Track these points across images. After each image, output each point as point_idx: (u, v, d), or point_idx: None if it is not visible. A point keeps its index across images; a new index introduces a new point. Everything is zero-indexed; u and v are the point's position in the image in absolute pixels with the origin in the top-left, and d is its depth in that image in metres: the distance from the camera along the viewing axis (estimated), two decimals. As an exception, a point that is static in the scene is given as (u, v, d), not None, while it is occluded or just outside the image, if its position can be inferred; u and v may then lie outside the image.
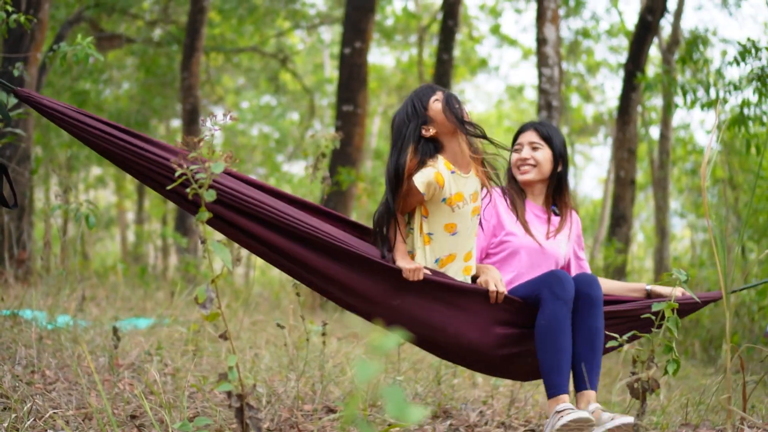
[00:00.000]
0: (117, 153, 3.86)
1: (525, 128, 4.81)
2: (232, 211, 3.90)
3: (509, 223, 4.62)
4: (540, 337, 4.10)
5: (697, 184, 20.09)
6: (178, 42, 19.77)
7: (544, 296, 4.11)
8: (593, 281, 4.22)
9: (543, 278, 4.19)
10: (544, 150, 4.71)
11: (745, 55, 9.47)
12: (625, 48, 22.92)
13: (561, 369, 4.09)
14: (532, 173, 4.70)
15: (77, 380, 4.79)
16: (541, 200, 4.80)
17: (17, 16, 5.58)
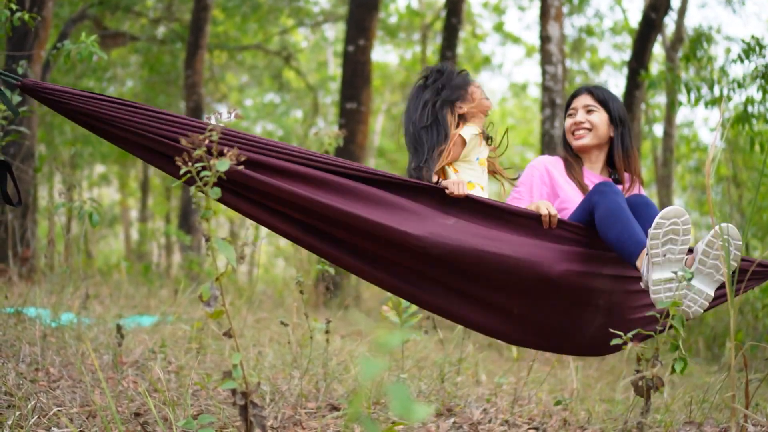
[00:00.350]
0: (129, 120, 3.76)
1: (579, 92, 4.68)
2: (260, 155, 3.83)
3: (566, 190, 4.48)
4: (604, 223, 3.93)
5: (700, 182, 20.07)
6: (182, 40, 19.77)
7: (596, 199, 3.99)
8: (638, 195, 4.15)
9: (587, 194, 4.09)
10: (599, 113, 4.56)
11: (749, 53, 9.47)
12: (628, 45, 22.92)
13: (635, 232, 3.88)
14: (588, 138, 4.55)
15: (81, 378, 4.79)
16: (599, 167, 4.63)
17: (21, 14, 5.59)
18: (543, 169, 4.51)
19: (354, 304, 12.26)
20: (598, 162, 4.63)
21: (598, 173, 4.61)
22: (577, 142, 4.57)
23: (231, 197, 3.87)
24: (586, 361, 8.26)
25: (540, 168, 4.50)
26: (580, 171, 4.55)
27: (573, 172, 4.53)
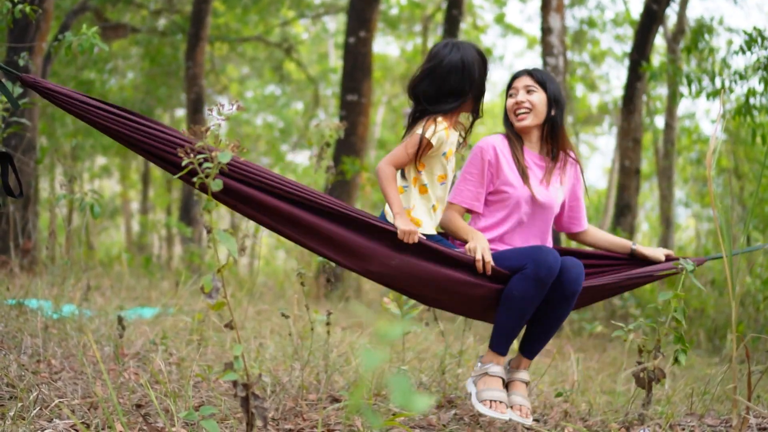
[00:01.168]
0: (125, 133, 3.88)
1: (519, 74, 4.76)
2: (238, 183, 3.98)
3: (508, 172, 4.60)
4: (506, 304, 4.22)
5: (701, 174, 20.07)
6: (183, 31, 19.77)
7: (527, 272, 4.15)
8: (577, 275, 4.25)
9: (532, 253, 4.23)
10: (539, 93, 4.65)
11: (751, 44, 9.46)
12: (630, 37, 22.89)
13: (512, 336, 4.28)
14: (529, 118, 4.65)
15: (83, 369, 4.80)
16: (537, 147, 4.74)
17: (23, 6, 5.58)
18: (492, 152, 4.62)
19: (355, 296, 12.27)
20: (538, 141, 4.75)
21: (537, 152, 4.74)
22: (520, 123, 4.69)
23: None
24: (586, 353, 8.27)
25: (489, 151, 4.63)
26: (521, 151, 4.68)
27: (515, 151, 4.66)
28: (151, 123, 3.94)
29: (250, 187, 4.01)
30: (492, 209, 4.63)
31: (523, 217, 4.58)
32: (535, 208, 4.60)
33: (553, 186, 4.67)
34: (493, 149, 4.60)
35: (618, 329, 4.00)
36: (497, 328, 4.29)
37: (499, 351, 4.31)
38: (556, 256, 4.20)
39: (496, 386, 4.26)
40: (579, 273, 4.27)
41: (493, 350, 4.33)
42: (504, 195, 4.58)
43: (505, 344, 4.30)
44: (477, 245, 4.30)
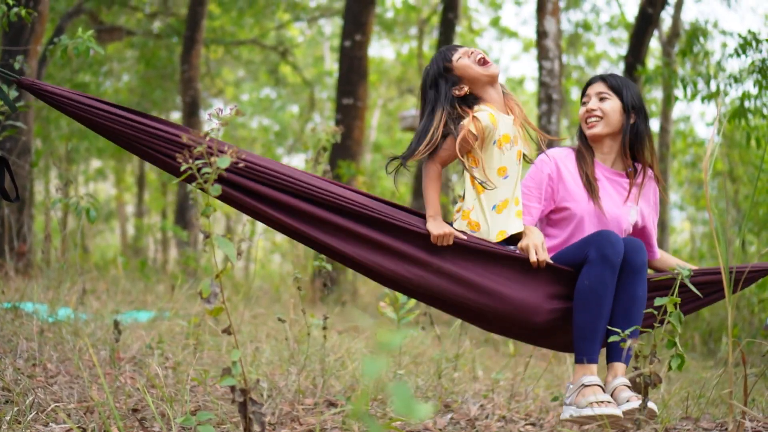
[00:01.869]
0: (124, 132, 3.82)
1: (593, 80, 4.55)
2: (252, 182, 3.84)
3: (571, 189, 4.40)
4: (580, 299, 3.98)
5: (696, 177, 20.10)
6: (178, 34, 19.76)
7: (591, 257, 3.96)
8: (639, 247, 4.05)
9: (591, 238, 4.04)
10: (612, 100, 4.44)
11: (746, 48, 9.47)
12: (625, 40, 22.91)
13: (596, 336, 4.00)
14: (599, 126, 4.42)
15: (79, 373, 4.80)
16: (611, 159, 4.51)
17: (18, 10, 5.58)
18: (553, 164, 4.41)
19: (351, 300, 12.27)
20: (611, 153, 4.50)
21: (609, 166, 4.50)
22: (590, 131, 4.46)
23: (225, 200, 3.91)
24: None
25: (550, 163, 4.42)
26: (591, 164, 4.45)
27: (583, 164, 4.43)
28: (152, 120, 3.88)
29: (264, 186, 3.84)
30: (556, 228, 4.45)
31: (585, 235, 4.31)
32: (604, 226, 4.36)
33: (626, 204, 4.46)
34: (555, 162, 4.42)
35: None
36: (578, 332, 4.01)
37: (588, 359, 4.02)
38: (616, 234, 4.01)
39: (597, 392, 3.93)
40: (639, 244, 4.07)
41: (582, 361, 4.03)
42: (567, 212, 4.38)
43: (592, 348, 4.02)
44: (530, 242, 4.07)
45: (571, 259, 4.10)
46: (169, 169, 3.88)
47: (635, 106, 4.47)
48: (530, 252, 4.04)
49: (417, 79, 24.74)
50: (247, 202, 3.88)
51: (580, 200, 4.36)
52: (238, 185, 3.83)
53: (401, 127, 17.56)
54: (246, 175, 3.81)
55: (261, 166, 3.85)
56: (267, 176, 3.85)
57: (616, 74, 4.57)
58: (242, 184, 3.83)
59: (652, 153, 4.53)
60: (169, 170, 3.90)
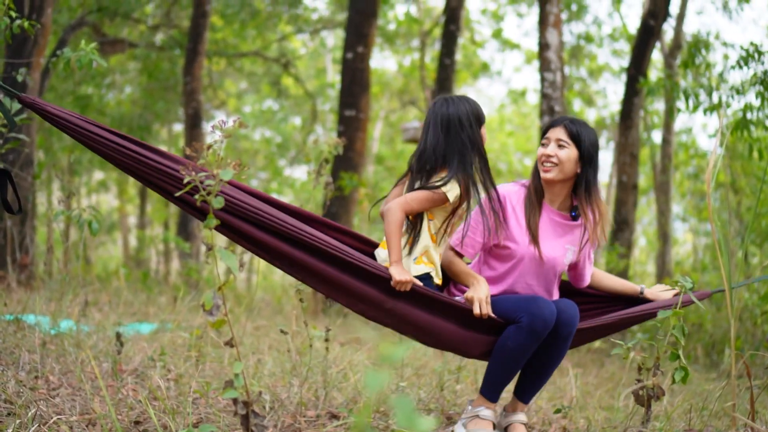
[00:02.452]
0: (121, 160, 3.91)
1: (555, 123, 4.62)
2: (238, 219, 4.01)
3: (514, 227, 4.52)
4: (500, 354, 4.25)
5: (699, 189, 20.09)
6: (181, 46, 19.80)
7: (523, 323, 4.15)
8: (572, 317, 4.25)
9: (528, 305, 4.20)
10: (570, 149, 4.52)
11: (748, 59, 9.47)
12: (627, 52, 22.94)
13: (503, 384, 4.32)
14: (554, 172, 4.52)
15: (81, 386, 4.79)
16: (558, 202, 4.62)
17: (21, 22, 5.59)
18: (504, 200, 4.56)
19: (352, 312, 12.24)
20: (560, 195, 4.63)
21: (556, 208, 4.63)
22: (545, 174, 4.56)
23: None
24: (585, 369, 8.27)
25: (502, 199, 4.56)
26: (538, 209, 4.59)
27: (530, 209, 4.57)
28: (149, 152, 3.95)
29: (246, 223, 4.02)
30: (497, 261, 4.59)
31: (528, 272, 4.54)
32: (541, 266, 4.54)
33: (565, 246, 4.61)
34: (507, 202, 4.55)
35: (617, 346, 3.98)
36: (489, 376, 4.32)
37: (489, 398, 4.36)
38: (552, 309, 4.17)
39: (487, 428, 4.32)
40: (573, 314, 4.26)
41: (484, 396, 4.38)
42: (508, 251, 4.53)
43: (496, 392, 4.35)
44: (475, 296, 4.26)
45: (505, 313, 4.30)
46: (165, 195, 4.03)
47: (590, 157, 4.58)
48: (475, 305, 4.24)
49: (419, 90, 24.79)
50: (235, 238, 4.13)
51: (520, 242, 4.52)
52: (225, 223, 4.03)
53: (403, 139, 17.56)
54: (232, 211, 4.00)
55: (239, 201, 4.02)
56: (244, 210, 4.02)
57: (578, 120, 4.64)
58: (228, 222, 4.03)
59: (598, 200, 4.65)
60: (164, 195, 4.04)
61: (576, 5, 22.10)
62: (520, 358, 4.20)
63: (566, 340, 4.25)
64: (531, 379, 4.41)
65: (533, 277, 4.54)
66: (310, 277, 4.19)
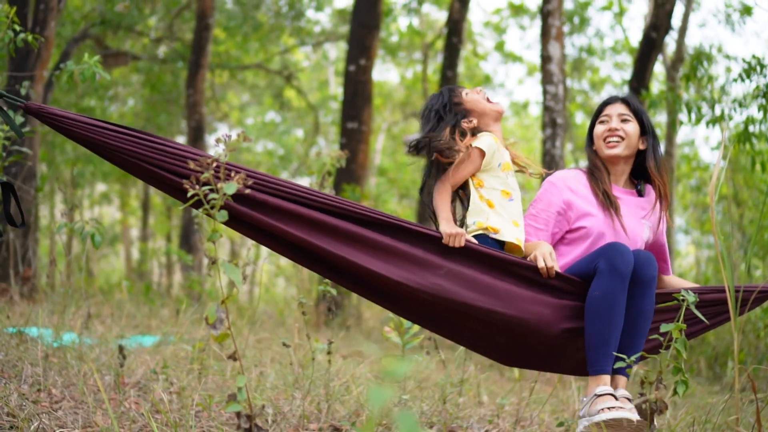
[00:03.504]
0: (132, 150, 3.82)
1: (613, 100, 4.59)
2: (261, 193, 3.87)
3: (586, 205, 4.44)
4: (591, 309, 4.01)
5: (701, 201, 20.09)
6: (183, 59, 19.83)
7: (601, 267, 4.00)
8: (648, 260, 4.09)
9: (602, 250, 4.09)
10: (633, 123, 4.50)
11: (750, 72, 9.48)
12: (629, 65, 22.95)
13: (609, 346, 3.99)
14: (621, 147, 4.48)
15: (83, 399, 4.79)
16: (622, 180, 4.58)
17: (25, 35, 5.61)
18: (563, 185, 4.48)
19: (355, 324, 12.25)
20: (623, 174, 4.59)
21: (621, 186, 4.58)
22: (610, 150, 4.51)
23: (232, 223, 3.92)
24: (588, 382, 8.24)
25: (559, 184, 4.49)
26: (608, 182, 4.50)
27: (599, 183, 4.47)
28: (159, 138, 3.89)
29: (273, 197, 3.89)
30: (571, 246, 4.47)
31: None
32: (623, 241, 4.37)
33: (641, 221, 4.52)
34: (566, 187, 4.48)
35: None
36: (590, 343, 4.02)
37: (600, 370, 4.02)
38: (626, 246, 4.04)
39: (609, 400, 3.91)
40: (651, 257, 4.11)
41: (594, 372, 4.04)
42: (584, 231, 4.42)
43: (604, 358, 4.01)
44: (538, 252, 4.13)
45: (582, 271, 4.15)
46: (175, 190, 3.88)
47: (652, 131, 4.55)
48: (538, 260, 4.08)
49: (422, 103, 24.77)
50: (254, 217, 3.90)
51: (596, 217, 4.40)
52: (247, 199, 3.84)
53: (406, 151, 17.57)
54: (256, 187, 3.84)
55: (269, 179, 3.91)
56: (275, 188, 3.91)
57: (633, 96, 4.64)
58: (252, 197, 3.85)
59: (667, 174, 4.58)
60: (174, 191, 3.90)
61: (578, 18, 22.12)
62: (613, 306, 3.96)
63: (649, 284, 4.06)
64: (625, 342, 4.07)
65: None
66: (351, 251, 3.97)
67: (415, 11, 23.71)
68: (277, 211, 3.90)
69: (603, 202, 4.43)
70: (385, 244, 3.99)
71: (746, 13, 14.69)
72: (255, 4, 20.78)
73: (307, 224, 3.93)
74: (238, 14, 20.40)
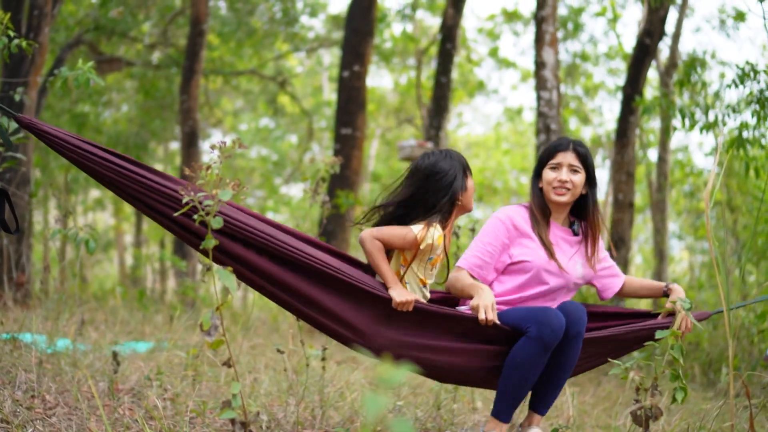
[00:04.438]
0: (118, 180, 3.89)
1: (563, 147, 4.68)
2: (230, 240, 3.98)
3: (529, 242, 4.58)
4: (510, 368, 4.22)
5: (695, 207, 20.12)
6: (177, 65, 19.83)
7: (531, 334, 4.15)
8: (579, 317, 4.26)
9: (536, 315, 4.22)
10: (581, 174, 4.64)
11: (744, 78, 9.49)
12: (623, 71, 22.97)
13: (517, 401, 4.26)
14: (567, 196, 4.63)
15: (77, 405, 4.78)
16: (561, 219, 4.73)
17: (19, 41, 5.60)
18: (509, 222, 4.62)
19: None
20: (563, 213, 4.75)
21: (559, 223, 4.74)
22: (557, 198, 4.65)
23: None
24: (582, 387, 8.25)
25: (506, 221, 4.62)
26: (546, 226, 4.67)
27: (538, 227, 4.63)
28: (147, 171, 3.94)
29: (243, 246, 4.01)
30: (511, 276, 4.61)
31: (544, 287, 4.56)
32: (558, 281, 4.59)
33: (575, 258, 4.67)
34: (510, 222, 4.61)
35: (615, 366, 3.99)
36: (501, 396, 4.26)
37: (503, 419, 4.29)
38: (560, 318, 4.18)
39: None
40: (581, 314, 4.27)
41: (497, 418, 4.30)
42: (523, 264, 4.55)
43: (508, 411, 4.28)
44: (480, 303, 4.25)
45: (512, 323, 4.30)
46: (163, 223, 3.98)
47: (593, 178, 4.73)
48: (480, 311, 4.22)
49: (415, 108, 24.80)
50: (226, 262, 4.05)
51: (536, 255, 4.56)
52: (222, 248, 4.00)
53: (400, 157, 17.54)
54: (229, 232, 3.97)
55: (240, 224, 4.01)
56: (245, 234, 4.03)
57: (580, 142, 4.75)
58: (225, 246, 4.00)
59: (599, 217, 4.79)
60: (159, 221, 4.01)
61: (572, 24, 22.15)
62: (532, 372, 4.19)
63: (576, 340, 4.24)
64: (545, 388, 4.38)
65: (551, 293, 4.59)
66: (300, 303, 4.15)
67: (409, 17, 23.74)
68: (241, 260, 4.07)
69: (542, 246, 4.59)
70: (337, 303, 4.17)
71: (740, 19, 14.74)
72: (249, 10, 20.80)
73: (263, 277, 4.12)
74: (232, 20, 20.41)
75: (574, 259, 4.65)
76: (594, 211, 4.73)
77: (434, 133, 16.89)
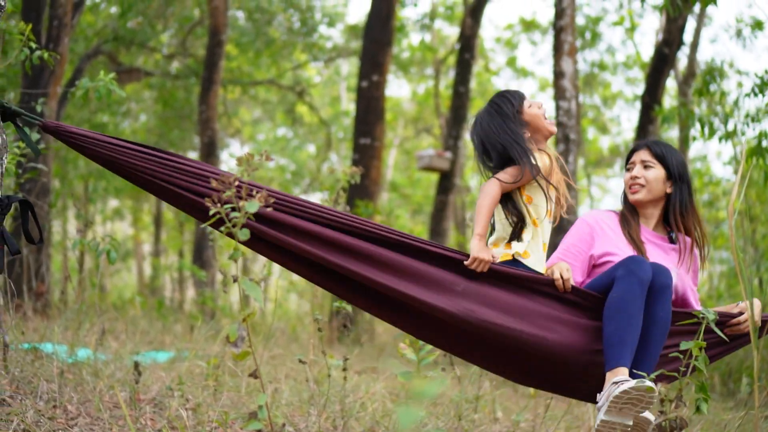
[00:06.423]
0: (148, 168, 3.83)
1: (638, 147, 4.69)
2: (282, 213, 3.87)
3: (616, 239, 4.52)
4: (609, 310, 4.02)
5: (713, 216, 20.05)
6: (196, 75, 19.87)
7: (619, 274, 4.04)
8: (663, 269, 4.12)
9: (619, 263, 4.13)
10: (655, 169, 4.59)
11: (763, 88, 9.47)
12: (641, 80, 22.93)
13: (625, 343, 3.96)
14: (641, 193, 4.58)
15: (99, 415, 4.79)
16: (653, 223, 4.65)
17: (41, 53, 5.64)
18: (595, 224, 4.57)
19: (368, 340, 12.24)
20: (653, 218, 4.66)
21: (651, 229, 4.64)
22: (633, 196, 4.62)
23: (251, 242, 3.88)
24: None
25: (591, 223, 4.58)
26: (636, 226, 4.58)
27: (628, 227, 4.56)
28: (176, 156, 3.90)
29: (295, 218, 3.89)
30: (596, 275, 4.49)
31: None
32: None
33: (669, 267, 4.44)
34: (595, 220, 4.58)
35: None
36: (608, 342, 3.99)
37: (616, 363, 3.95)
38: (643, 258, 4.11)
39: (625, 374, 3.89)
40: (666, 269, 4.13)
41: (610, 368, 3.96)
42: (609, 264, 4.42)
43: (621, 354, 3.95)
44: (555, 267, 4.17)
45: (600, 285, 4.18)
46: (193, 208, 3.89)
47: (680, 175, 4.63)
48: (554, 272, 4.13)
49: (433, 118, 24.81)
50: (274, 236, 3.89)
51: (625, 250, 4.45)
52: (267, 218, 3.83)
53: (418, 167, 17.56)
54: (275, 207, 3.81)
55: (288, 199, 3.91)
56: (294, 207, 3.91)
57: (661, 142, 4.71)
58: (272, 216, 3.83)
59: (697, 220, 4.67)
60: (192, 210, 3.91)
61: (590, 33, 22.13)
62: (631, 305, 3.97)
63: (663, 292, 4.06)
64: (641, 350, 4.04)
65: None
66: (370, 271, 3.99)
67: (427, 27, 23.77)
68: (297, 230, 3.91)
69: (630, 244, 4.50)
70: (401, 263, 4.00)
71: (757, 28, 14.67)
72: (267, 20, 20.84)
73: (324, 244, 3.94)
74: (250, 30, 20.45)
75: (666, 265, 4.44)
76: (683, 210, 4.63)
77: (453, 143, 16.91)
